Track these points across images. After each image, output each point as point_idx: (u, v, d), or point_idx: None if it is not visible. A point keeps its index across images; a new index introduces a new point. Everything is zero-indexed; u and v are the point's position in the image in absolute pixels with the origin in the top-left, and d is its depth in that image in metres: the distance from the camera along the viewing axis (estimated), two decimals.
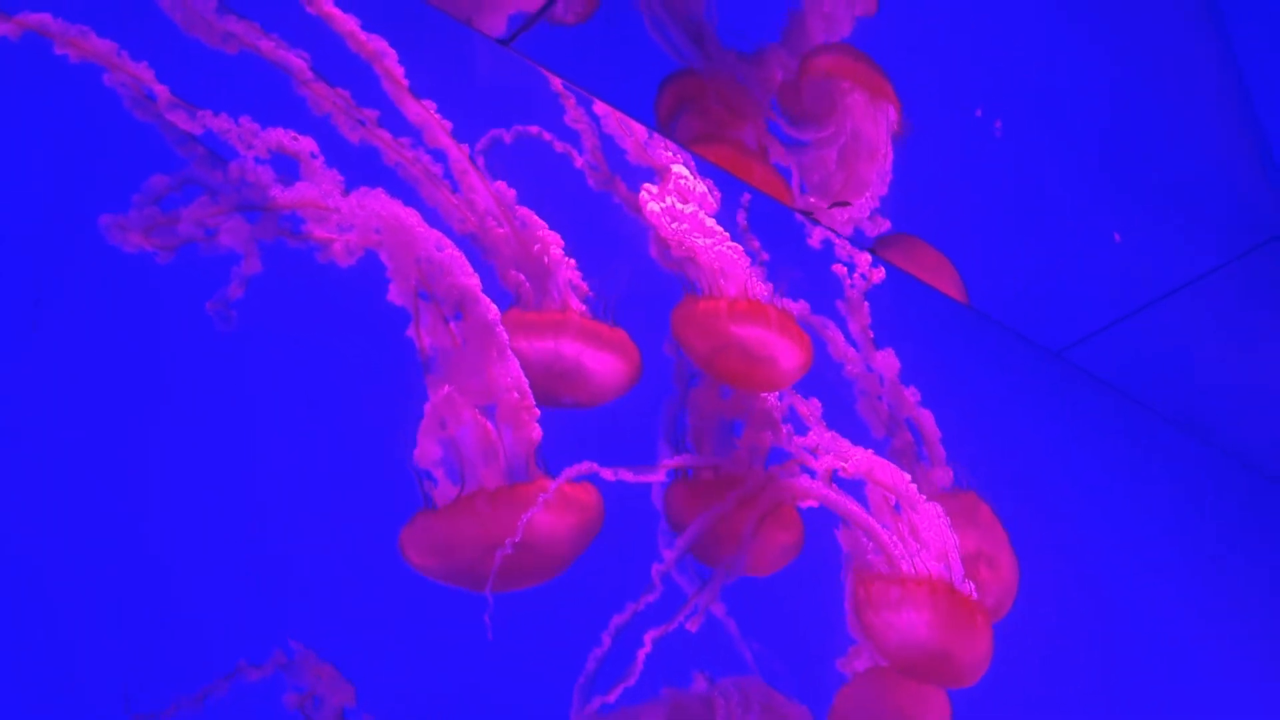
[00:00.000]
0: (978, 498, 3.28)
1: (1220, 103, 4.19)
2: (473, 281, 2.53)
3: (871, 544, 2.98)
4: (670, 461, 2.95)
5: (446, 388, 2.44)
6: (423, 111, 2.65)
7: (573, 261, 2.78)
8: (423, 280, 2.47)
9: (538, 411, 2.55)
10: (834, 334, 3.31)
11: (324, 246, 2.45)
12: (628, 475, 2.80)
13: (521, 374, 2.55)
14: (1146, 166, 4.14)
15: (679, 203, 2.97)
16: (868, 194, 3.51)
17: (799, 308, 3.22)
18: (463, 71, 2.91)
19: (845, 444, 3.04)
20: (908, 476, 3.00)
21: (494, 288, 2.66)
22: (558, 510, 2.48)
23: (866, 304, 3.38)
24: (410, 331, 2.48)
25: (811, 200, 3.46)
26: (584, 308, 2.77)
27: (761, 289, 3.01)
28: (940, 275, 3.86)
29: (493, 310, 2.54)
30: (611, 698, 2.67)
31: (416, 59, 2.64)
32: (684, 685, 2.82)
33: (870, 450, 3.04)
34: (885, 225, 3.60)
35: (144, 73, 2.32)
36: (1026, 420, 3.94)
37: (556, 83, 3.00)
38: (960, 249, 3.89)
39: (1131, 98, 4.07)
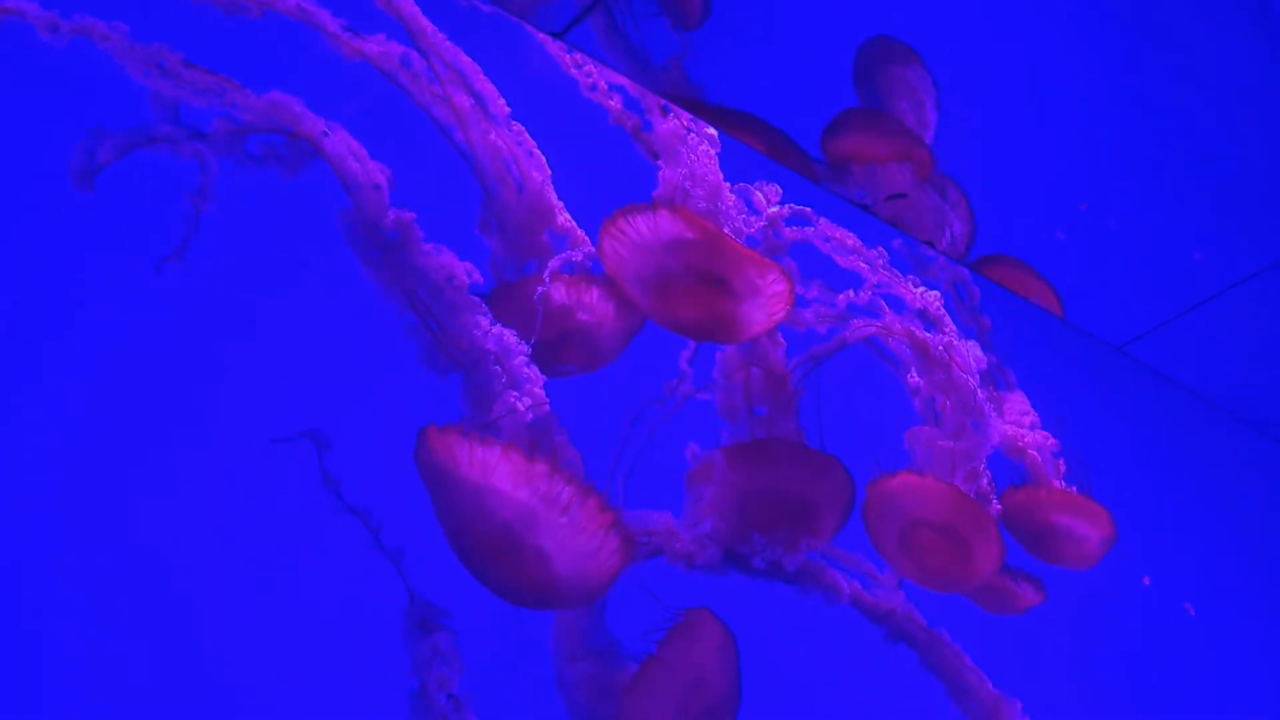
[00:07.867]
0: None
1: (1278, 102, 4.20)
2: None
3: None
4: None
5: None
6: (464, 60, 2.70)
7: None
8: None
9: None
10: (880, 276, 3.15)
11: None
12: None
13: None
14: (1207, 163, 4.16)
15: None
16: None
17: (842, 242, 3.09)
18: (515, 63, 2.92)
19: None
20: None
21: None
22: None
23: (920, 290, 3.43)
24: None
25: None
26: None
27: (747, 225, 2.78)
28: (1026, 282, 3.88)
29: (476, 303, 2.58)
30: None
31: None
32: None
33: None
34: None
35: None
36: (1087, 414, 3.96)
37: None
38: (1023, 245, 3.93)
39: (1193, 97, 4.09)
